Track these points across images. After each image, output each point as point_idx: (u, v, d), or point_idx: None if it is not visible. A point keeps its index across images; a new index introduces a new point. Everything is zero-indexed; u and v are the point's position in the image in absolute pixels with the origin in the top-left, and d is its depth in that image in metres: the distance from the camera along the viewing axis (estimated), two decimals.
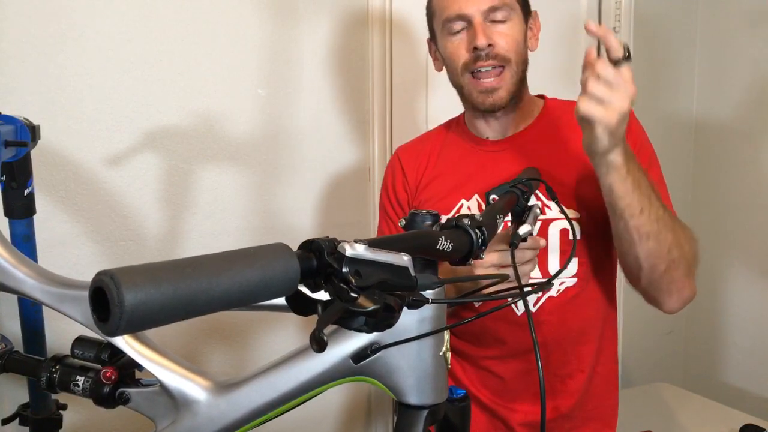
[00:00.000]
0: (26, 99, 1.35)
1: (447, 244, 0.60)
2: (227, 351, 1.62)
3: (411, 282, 0.52)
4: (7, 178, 1.05)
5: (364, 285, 0.47)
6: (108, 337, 0.73)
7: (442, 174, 1.19)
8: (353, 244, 0.48)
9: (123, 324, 0.37)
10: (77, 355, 0.82)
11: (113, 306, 0.37)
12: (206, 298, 0.41)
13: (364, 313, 0.46)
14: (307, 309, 0.50)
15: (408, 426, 0.64)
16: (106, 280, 0.38)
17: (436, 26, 1.14)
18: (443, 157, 1.21)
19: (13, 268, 0.81)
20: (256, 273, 0.43)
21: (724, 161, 2.18)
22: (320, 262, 0.47)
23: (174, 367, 0.75)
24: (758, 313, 2.08)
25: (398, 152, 1.28)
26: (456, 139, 1.22)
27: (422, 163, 1.22)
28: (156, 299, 0.38)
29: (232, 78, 1.55)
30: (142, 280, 0.38)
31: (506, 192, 0.85)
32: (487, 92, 1.08)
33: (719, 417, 1.77)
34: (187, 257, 0.42)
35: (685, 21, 2.24)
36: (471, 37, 1.06)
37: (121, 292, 0.37)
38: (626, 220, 0.94)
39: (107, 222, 1.46)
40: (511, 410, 1.13)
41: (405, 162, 1.24)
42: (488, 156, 1.16)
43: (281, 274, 0.44)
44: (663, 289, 1.02)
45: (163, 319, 0.39)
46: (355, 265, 0.47)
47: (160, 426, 0.76)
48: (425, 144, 1.25)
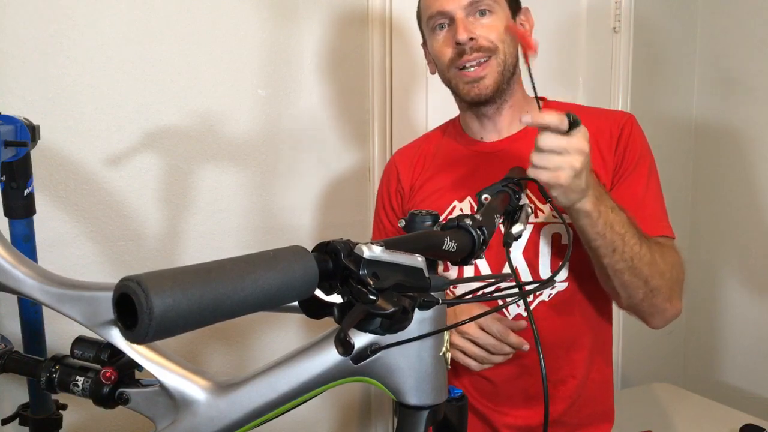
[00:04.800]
0: (26, 99, 1.35)
1: (452, 245, 0.60)
2: (227, 351, 1.62)
3: (425, 283, 0.52)
4: (7, 178, 1.05)
5: (382, 287, 0.46)
6: (135, 344, 0.73)
7: (436, 176, 1.19)
8: (371, 246, 0.48)
9: (152, 331, 0.36)
10: (77, 355, 0.82)
11: (141, 313, 0.36)
12: (231, 303, 0.40)
13: (384, 315, 0.46)
14: (320, 311, 0.49)
15: (409, 426, 0.64)
16: (132, 286, 0.36)
17: (424, 28, 1.15)
18: (438, 158, 1.21)
19: (13, 268, 0.81)
20: (278, 276, 0.42)
21: (724, 161, 2.18)
22: (336, 264, 0.46)
23: (174, 368, 0.75)
24: (758, 313, 2.08)
25: (395, 157, 1.28)
26: (450, 141, 1.22)
27: (418, 166, 1.23)
28: (184, 305, 0.37)
29: (232, 78, 1.55)
30: (170, 285, 0.37)
31: (498, 191, 0.85)
32: (472, 82, 1.08)
33: (719, 417, 1.76)
34: (210, 261, 0.41)
35: (685, 21, 2.24)
36: (453, 32, 1.07)
37: (150, 298, 0.36)
38: (599, 258, 0.96)
39: (107, 222, 1.46)
40: (501, 414, 1.12)
41: (401, 166, 1.25)
42: (481, 157, 1.15)
43: (301, 276, 0.44)
44: (644, 311, 1.03)
45: (190, 325, 0.38)
46: (372, 267, 0.47)
47: (159, 426, 0.75)
48: (421, 146, 1.26)
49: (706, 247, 2.26)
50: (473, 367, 1.00)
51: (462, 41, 1.05)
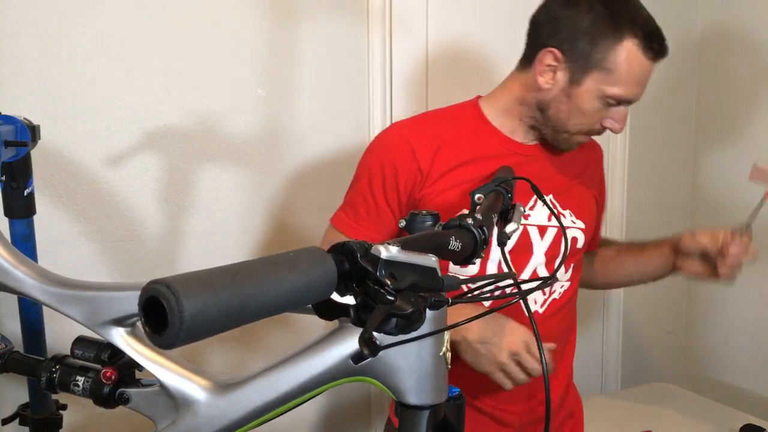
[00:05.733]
0: (26, 99, 1.35)
1: (457, 244, 0.60)
2: (227, 351, 1.62)
3: (438, 283, 0.53)
4: (7, 178, 1.05)
5: (399, 287, 0.46)
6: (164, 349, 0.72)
7: (466, 165, 1.09)
8: (387, 247, 0.48)
9: (183, 335, 0.36)
10: (77, 355, 0.82)
11: (172, 317, 0.35)
12: (256, 305, 0.40)
13: (403, 316, 0.46)
14: (333, 313, 0.49)
15: (409, 426, 0.64)
16: (161, 289, 0.36)
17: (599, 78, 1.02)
18: (465, 146, 1.11)
19: (13, 268, 0.81)
20: (300, 278, 0.42)
21: (724, 161, 2.18)
22: (353, 265, 0.46)
23: (174, 367, 0.75)
24: (758, 313, 2.08)
25: (405, 133, 1.11)
26: (478, 130, 1.14)
27: (443, 150, 1.10)
28: (213, 307, 0.37)
29: (232, 78, 1.55)
30: (199, 287, 0.37)
31: (491, 191, 0.86)
32: (576, 145, 1.13)
33: (719, 417, 1.77)
34: (234, 263, 0.41)
35: (685, 20, 2.23)
36: (616, 119, 1.06)
37: (181, 301, 0.35)
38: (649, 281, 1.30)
39: (107, 222, 1.46)
40: (504, 411, 1.15)
41: (416, 144, 1.09)
42: (518, 159, 1.12)
43: (321, 278, 0.44)
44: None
45: (218, 328, 0.38)
46: (390, 267, 0.47)
47: (160, 426, 0.75)
48: (436, 128, 1.13)
49: None
50: (507, 387, 0.98)
51: (616, 133, 1.09)
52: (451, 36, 1.77)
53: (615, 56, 1.00)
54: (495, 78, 1.22)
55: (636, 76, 1.02)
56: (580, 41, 1.01)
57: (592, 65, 1.01)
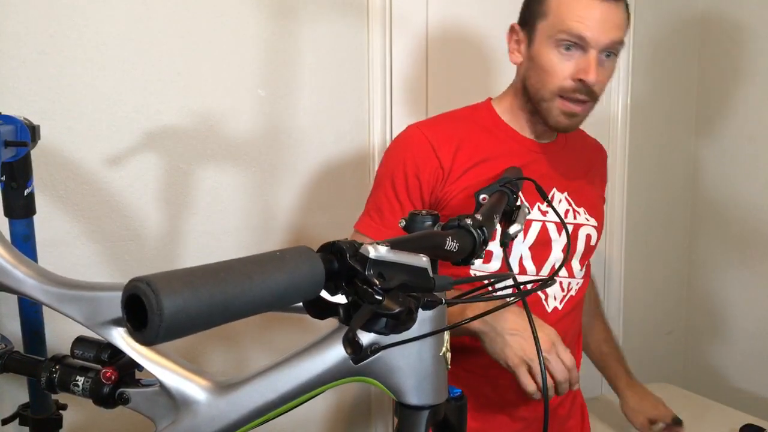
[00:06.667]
0: (26, 99, 1.35)
1: (453, 245, 0.61)
2: (227, 351, 1.62)
3: (429, 283, 0.53)
4: (7, 178, 1.05)
5: (388, 287, 0.46)
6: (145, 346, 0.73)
7: (487, 162, 1.11)
8: (376, 246, 0.48)
9: (162, 332, 0.36)
10: (77, 355, 0.82)
11: (152, 314, 0.36)
12: (240, 303, 0.40)
13: (390, 316, 0.46)
14: (324, 312, 0.49)
15: (409, 426, 0.64)
16: (142, 286, 0.36)
17: (543, 26, 1.05)
18: (483, 144, 1.13)
19: (13, 268, 0.81)
20: (286, 276, 0.42)
21: (725, 161, 2.18)
22: (342, 264, 0.46)
23: (174, 367, 0.75)
24: (758, 313, 2.08)
25: (426, 133, 1.13)
26: (494, 128, 1.16)
27: (463, 149, 1.12)
28: (194, 305, 0.37)
29: (232, 78, 1.55)
30: (180, 285, 0.37)
31: (496, 191, 0.86)
32: (570, 115, 1.07)
33: (719, 417, 1.76)
34: (218, 262, 0.41)
35: (685, 20, 2.23)
36: (582, 67, 1.02)
37: (160, 298, 0.36)
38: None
39: (107, 222, 1.46)
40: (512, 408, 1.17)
41: (437, 143, 1.11)
42: (534, 156, 1.16)
43: (308, 277, 0.44)
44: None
45: (199, 326, 0.38)
46: (378, 267, 0.47)
47: (160, 426, 0.75)
48: (454, 127, 1.15)
49: (706, 247, 2.26)
50: (529, 389, 0.93)
51: (591, 84, 1.02)
52: (451, 36, 1.77)
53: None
54: (495, 78, 1.22)
55: (578, 11, 1.01)
56: (528, 7, 1.10)
57: (535, 18, 1.07)
